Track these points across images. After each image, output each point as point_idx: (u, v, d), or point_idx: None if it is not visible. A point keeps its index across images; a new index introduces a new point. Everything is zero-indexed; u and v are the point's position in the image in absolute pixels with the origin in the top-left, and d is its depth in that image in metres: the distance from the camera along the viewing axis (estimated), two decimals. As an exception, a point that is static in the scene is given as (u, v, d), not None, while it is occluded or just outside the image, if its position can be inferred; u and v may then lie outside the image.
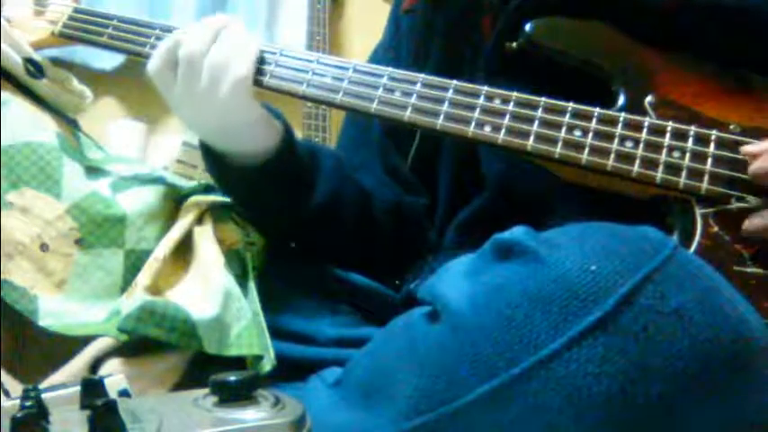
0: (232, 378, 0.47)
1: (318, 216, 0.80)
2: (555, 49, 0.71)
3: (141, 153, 2.14)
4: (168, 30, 0.82)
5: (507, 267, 0.52)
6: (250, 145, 0.77)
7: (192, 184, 0.86)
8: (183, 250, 0.78)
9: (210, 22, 0.76)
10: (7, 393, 0.62)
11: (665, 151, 0.65)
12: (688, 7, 0.70)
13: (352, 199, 0.84)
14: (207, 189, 0.86)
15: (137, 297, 0.69)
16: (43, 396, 0.46)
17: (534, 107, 0.68)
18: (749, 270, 0.60)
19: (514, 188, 0.75)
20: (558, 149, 0.66)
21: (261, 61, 0.76)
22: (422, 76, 0.72)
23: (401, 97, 0.71)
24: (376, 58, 0.92)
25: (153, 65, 0.75)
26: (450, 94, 0.70)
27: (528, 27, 0.71)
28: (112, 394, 0.50)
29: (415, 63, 0.73)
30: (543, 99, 0.68)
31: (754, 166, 0.61)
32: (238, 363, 0.70)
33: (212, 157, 0.79)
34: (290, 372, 0.71)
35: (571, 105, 0.67)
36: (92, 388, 0.47)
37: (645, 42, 0.71)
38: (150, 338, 0.67)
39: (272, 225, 0.82)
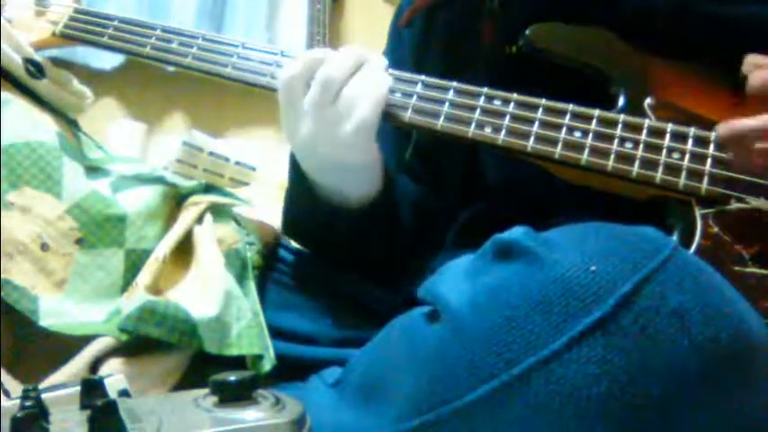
0: (232, 378, 0.47)
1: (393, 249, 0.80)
2: (555, 53, 0.72)
3: (141, 153, 2.14)
4: (169, 30, 0.82)
5: (507, 268, 0.52)
6: (356, 187, 0.75)
7: (192, 183, 0.86)
8: (184, 250, 0.78)
9: (355, 52, 0.72)
10: (7, 393, 0.62)
11: (664, 152, 0.65)
12: (686, 15, 0.70)
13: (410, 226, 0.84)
14: (207, 189, 0.87)
15: (137, 297, 0.69)
16: (43, 396, 0.46)
17: (534, 108, 0.68)
18: (749, 270, 0.61)
19: (515, 190, 0.76)
20: (559, 150, 0.66)
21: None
22: (422, 77, 0.72)
23: (402, 98, 0.72)
24: None
25: (286, 74, 0.71)
26: (450, 95, 0.70)
27: (528, 31, 0.71)
28: (112, 394, 0.50)
29: (416, 72, 0.73)
30: (543, 100, 0.68)
31: (755, 76, 0.62)
32: (238, 363, 0.70)
33: (304, 188, 0.77)
34: (290, 372, 0.71)
35: (571, 107, 0.68)
36: (92, 388, 0.48)
37: (644, 47, 0.71)
38: (150, 338, 0.67)
39: (342, 258, 0.81)
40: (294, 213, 0.82)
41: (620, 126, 0.66)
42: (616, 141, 0.66)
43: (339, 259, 0.81)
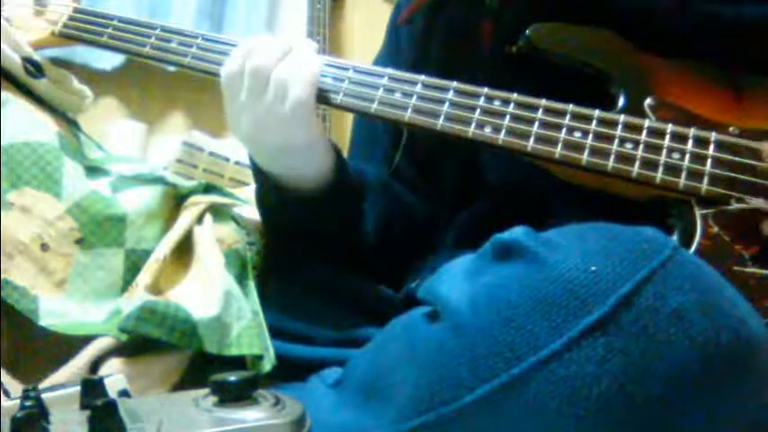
0: (232, 378, 0.47)
1: (369, 238, 0.81)
2: (555, 53, 0.72)
3: (141, 153, 2.14)
4: (168, 30, 0.82)
5: (507, 268, 0.52)
6: (308, 167, 0.76)
7: (192, 183, 0.86)
8: (184, 250, 0.78)
9: (281, 39, 0.74)
10: (7, 393, 0.62)
11: (664, 152, 0.65)
12: (686, 16, 0.70)
13: (395, 218, 0.84)
14: (207, 189, 0.86)
15: (137, 297, 0.69)
16: (43, 396, 0.46)
17: (534, 108, 0.68)
18: (749, 270, 0.61)
19: (515, 190, 0.76)
20: (559, 150, 0.66)
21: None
22: (422, 77, 0.72)
23: (401, 98, 0.72)
24: None
25: (227, 69, 0.74)
26: (450, 95, 0.70)
27: (528, 31, 0.71)
28: (112, 394, 0.51)
29: (414, 70, 0.73)
30: (543, 101, 0.68)
31: None
32: (238, 363, 0.70)
33: (267, 183, 0.78)
34: (290, 372, 0.71)
35: (571, 107, 0.67)
36: (92, 388, 0.48)
37: (644, 48, 0.71)
38: (150, 338, 0.67)
39: (314, 250, 0.81)
40: (263, 210, 0.82)
41: (620, 126, 0.66)
42: (616, 142, 0.66)
43: (311, 253, 0.82)
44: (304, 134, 0.74)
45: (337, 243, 0.80)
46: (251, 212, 0.88)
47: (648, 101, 0.68)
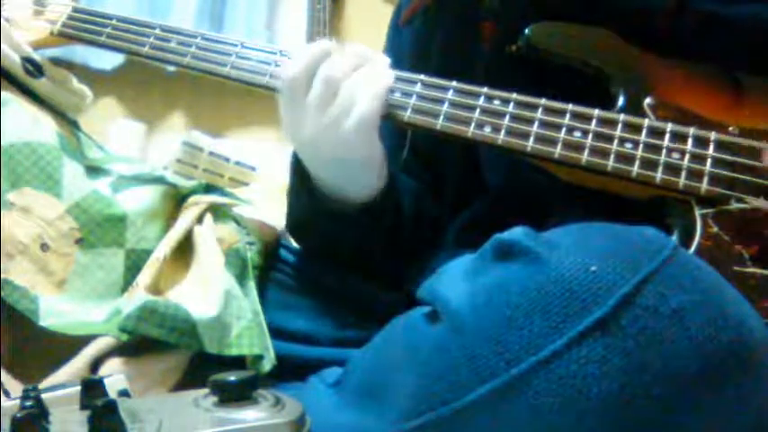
0: (232, 378, 0.47)
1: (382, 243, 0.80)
2: (554, 53, 0.72)
3: (141, 153, 2.14)
4: (168, 30, 0.82)
5: (507, 268, 0.52)
6: (357, 183, 0.75)
7: (192, 183, 0.86)
8: (184, 250, 0.78)
9: (358, 51, 0.72)
10: (7, 393, 0.62)
11: (664, 152, 0.65)
12: (686, 15, 0.70)
13: (407, 218, 0.84)
14: (207, 189, 0.87)
15: (138, 297, 0.69)
16: (43, 396, 0.46)
17: (534, 108, 0.68)
18: (749, 270, 0.61)
19: (515, 190, 0.76)
20: (558, 150, 0.66)
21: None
22: (422, 76, 0.72)
23: (401, 98, 0.72)
24: None
25: (289, 73, 0.71)
26: (449, 94, 0.70)
27: (528, 31, 0.71)
28: (112, 394, 0.51)
29: (415, 71, 0.73)
30: (543, 100, 0.68)
31: None
32: (238, 363, 0.70)
33: (304, 184, 0.77)
34: (290, 372, 0.71)
35: (571, 107, 0.68)
36: (92, 388, 0.48)
37: (644, 48, 0.71)
38: (150, 338, 0.67)
39: (325, 253, 0.80)
40: (297, 216, 0.82)
41: (619, 126, 0.66)
42: (616, 141, 0.66)
43: (342, 261, 0.81)
44: (363, 152, 0.73)
45: (353, 250, 0.80)
46: (251, 212, 0.88)
47: (648, 100, 0.68)
